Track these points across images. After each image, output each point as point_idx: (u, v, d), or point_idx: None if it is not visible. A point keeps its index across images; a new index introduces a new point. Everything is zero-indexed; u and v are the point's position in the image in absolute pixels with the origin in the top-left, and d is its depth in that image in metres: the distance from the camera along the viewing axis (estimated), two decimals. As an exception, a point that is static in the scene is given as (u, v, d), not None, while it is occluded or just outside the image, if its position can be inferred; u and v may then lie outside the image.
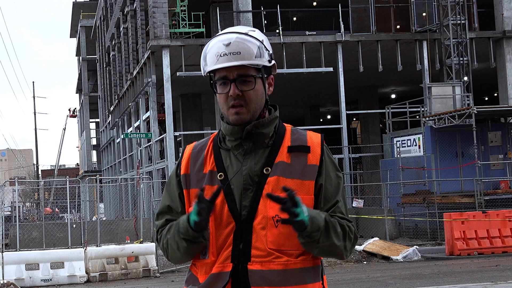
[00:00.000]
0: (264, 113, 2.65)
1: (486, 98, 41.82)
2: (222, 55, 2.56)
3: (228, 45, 2.56)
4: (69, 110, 75.55)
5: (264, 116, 2.64)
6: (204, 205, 2.44)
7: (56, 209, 45.80)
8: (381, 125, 35.76)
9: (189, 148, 2.75)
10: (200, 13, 27.84)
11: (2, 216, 18.21)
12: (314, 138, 2.66)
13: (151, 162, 30.10)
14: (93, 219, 23.71)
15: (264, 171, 2.57)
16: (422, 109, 24.92)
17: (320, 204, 2.60)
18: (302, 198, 2.49)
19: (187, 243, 2.53)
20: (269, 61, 2.64)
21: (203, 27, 27.48)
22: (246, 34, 2.60)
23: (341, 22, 26.40)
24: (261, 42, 2.62)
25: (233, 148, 2.63)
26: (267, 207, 2.52)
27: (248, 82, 2.58)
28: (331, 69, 26.14)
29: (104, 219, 32.13)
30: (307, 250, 2.54)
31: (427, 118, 23.39)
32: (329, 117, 48.52)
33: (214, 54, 2.59)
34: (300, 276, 2.54)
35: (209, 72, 2.65)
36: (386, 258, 17.64)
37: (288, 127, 2.72)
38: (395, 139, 25.35)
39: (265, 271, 2.50)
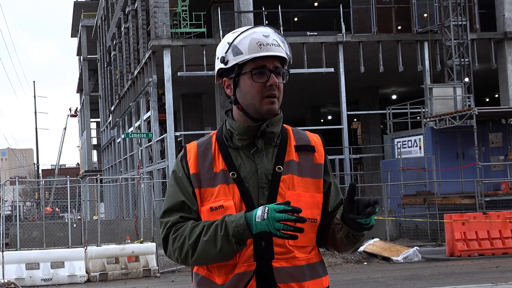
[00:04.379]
0: (279, 110, 2.69)
1: (487, 99, 41.81)
2: (265, 44, 2.59)
3: (268, 36, 2.61)
4: (70, 109, 75.63)
5: (279, 113, 2.68)
6: (294, 228, 2.36)
7: (57, 208, 45.78)
8: (381, 126, 35.75)
9: (193, 147, 2.69)
10: (201, 13, 27.84)
11: (2, 216, 18.21)
12: (315, 138, 2.73)
13: (152, 162, 30.11)
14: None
15: (277, 169, 2.59)
16: (423, 110, 24.92)
17: (329, 202, 2.67)
18: (314, 195, 2.60)
19: (237, 246, 2.44)
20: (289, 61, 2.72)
21: (204, 27, 27.48)
22: (276, 30, 2.68)
23: (342, 23, 26.40)
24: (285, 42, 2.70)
25: (243, 147, 2.62)
26: None
27: (279, 75, 2.63)
28: (332, 69, 26.13)
29: (103, 218, 32.11)
30: (345, 245, 2.60)
31: (428, 119, 23.39)
32: (330, 117, 48.53)
33: (254, 43, 2.58)
34: (316, 269, 2.62)
35: (240, 61, 2.60)
36: (387, 259, 17.64)
37: (288, 127, 2.75)
38: (395, 140, 25.35)
39: (289, 268, 2.54)
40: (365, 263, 17.60)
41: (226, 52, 2.62)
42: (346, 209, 2.49)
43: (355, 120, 45.61)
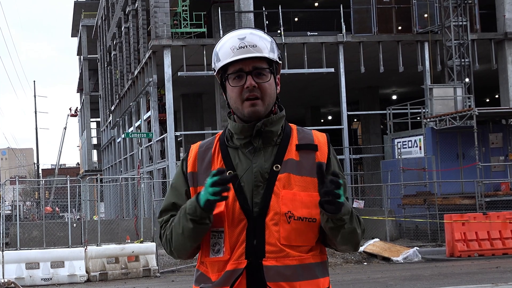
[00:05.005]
0: (275, 109, 2.69)
1: (487, 100, 41.81)
2: (238, 47, 2.61)
3: (243, 38, 2.62)
4: (70, 109, 75.63)
5: (275, 113, 2.68)
6: (222, 187, 2.44)
7: (57, 208, 45.76)
8: (382, 126, 35.76)
9: (195, 147, 2.77)
10: (202, 13, 27.84)
11: (2, 215, 18.21)
12: (320, 137, 2.71)
13: (152, 162, 30.11)
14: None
15: (274, 168, 2.60)
16: (423, 110, 24.92)
17: None
18: (312, 194, 2.57)
19: (194, 224, 2.53)
20: (279, 59, 2.71)
21: (204, 27, 27.48)
22: (258, 30, 2.69)
23: (343, 23, 26.40)
24: (272, 40, 2.70)
25: (242, 146, 2.66)
26: (280, 203, 2.56)
27: (263, 75, 2.63)
28: (332, 69, 26.12)
29: (103, 218, 32.11)
30: (331, 236, 2.58)
31: (428, 119, 23.39)
32: (330, 117, 48.54)
33: (228, 48, 2.62)
34: (312, 270, 2.59)
35: (221, 67, 2.67)
36: (387, 259, 17.63)
37: (294, 126, 2.76)
38: (396, 140, 25.35)
39: (280, 267, 2.54)
40: (365, 263, 17.60)
41: (213, 60, 2.71)
42: (319, 192, 2.47)
43: (355, 120, 45.62)
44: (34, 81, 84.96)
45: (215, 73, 2.72)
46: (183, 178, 2.72)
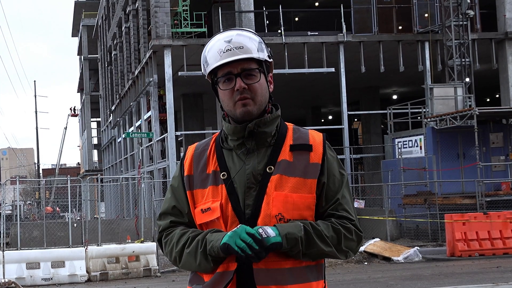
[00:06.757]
0: (269, 108, 2.66)
1: (488, 100, 41.81)
2: (225, 50, 2.58)
3: (229, 41, 2.59)
4: (71, 109, 75.63)
5: (269, 112, 2.65)
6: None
7: (57, 208, 45.76)
8: (382, 126, 35.75)
9: (191, 149, 2.74)
10: (202, 13, 27.83)
11: (3, 215, 18.22)
12: (316, 137, 2.66)
13: (152, 162, 30.11)
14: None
15: (267, 170, 2.56)
16: (424, 110, 24.91)
17: (322, 203, 2.60)
18: (305, 196, 2.53)
19: (214, 264, 2.53)
20: (269, 57, 2.68)
21: (205, 27, 27.48)
22: (245, 30, 2.65)
23: (343, 23, 26.38)
24: (260, 39, 2.67)
25: (236, 147, 2.63)
26: (270, 205, 2.52)
27: (252, 75, 2.60)
28: (333, 69, 26.11)
29: (104, 218, 32.11)
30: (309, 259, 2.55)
31: (428, 119, 23.38)
32: (330, 117, 48.54)
33: (216, 52, 2.60)
34: (304, 274, 2.54)
35: (211, 71, 2.65)
36: (387, 259, 17.63)
37: (290, 126, 2.72)
38: (396, 140, 25.34)
39: (270, 270, 2.50)
40: (366, 263, 17.59)
41: (202, 64, 2.70)
42: None
43: (355, 120, 45.63)
44: (35, 81, 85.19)
45: (206, 77, 2.71)
46: (181, 181, 2.70)
